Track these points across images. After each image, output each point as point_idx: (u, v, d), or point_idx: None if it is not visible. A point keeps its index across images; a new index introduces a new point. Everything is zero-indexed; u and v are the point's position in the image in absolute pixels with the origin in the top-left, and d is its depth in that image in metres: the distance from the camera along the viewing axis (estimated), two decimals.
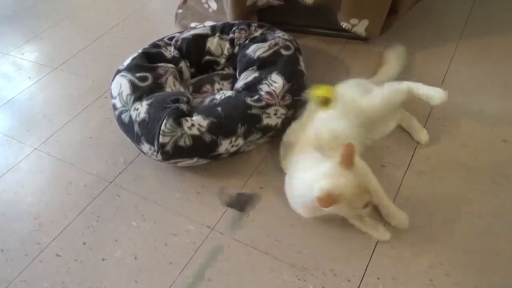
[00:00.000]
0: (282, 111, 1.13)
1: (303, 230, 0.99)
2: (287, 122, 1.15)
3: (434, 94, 1.07)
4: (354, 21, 1.34)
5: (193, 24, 1.77)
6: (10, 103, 1.55)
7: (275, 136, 1.16)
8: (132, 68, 1.24)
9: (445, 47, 1.42)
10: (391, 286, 0.87)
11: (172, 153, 1.07)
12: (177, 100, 1.12)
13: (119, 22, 1.92)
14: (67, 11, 2.07)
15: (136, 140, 1.12)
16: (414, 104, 1.14)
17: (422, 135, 1.13)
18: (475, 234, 0.93)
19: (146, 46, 1.37)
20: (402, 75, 1.26)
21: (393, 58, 1.30)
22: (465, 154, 1.10)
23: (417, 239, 0.94)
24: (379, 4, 1.32)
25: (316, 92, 1.00)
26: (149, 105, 1.11)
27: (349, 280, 0.89)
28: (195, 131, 1.06)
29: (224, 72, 1.37)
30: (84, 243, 1.04)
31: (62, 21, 2.01)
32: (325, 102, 0.99)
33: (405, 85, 1.11)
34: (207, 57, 1.39)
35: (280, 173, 1.07)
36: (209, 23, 1.75)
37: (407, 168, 1.08)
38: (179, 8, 1.91)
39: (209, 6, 1.81)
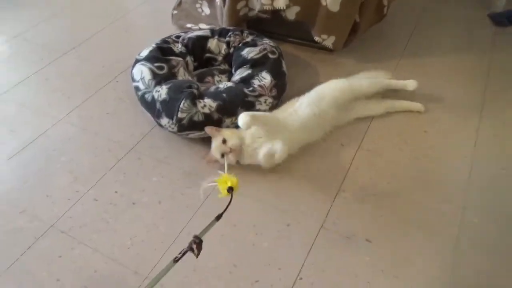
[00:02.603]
0: (270, 100, 1.50)
1: None
2: (272, 109, 1.52)
3: (408, 83, 1.57)
4: (324, 36, 1.74)
5: (188, 25, 2.09)
6: (28, 80, 1.78)
7: None
8: (150, 58, 1.55)
9: (390, 61, 1.86)
10: None
11: (187, 126, 1.40)
12: (190, 87, 1.45)
13: (118, 17, 2.18)
14: (65, 0, 2.29)
15: (157, 115, 1.44)
16: None
17: (419, 106, 1.57)
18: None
19: (158, 41, 1.67)
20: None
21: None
22: (400, 140, 1.52)
23: None
24: (343, 25, 1.73)
25: (221, 182, 1.00)
26: (169, 88, 1.44)
27: None
28: (206, 110, 1.39)
29: (222, 68, 1.72)
30: (116, 192, 1.34)
31: (63, 9, 2.24)
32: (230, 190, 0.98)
33: (384, 79, 1.61)
34: (208, 55, 1.72)
35: None
36: (203, 25, 2.08)
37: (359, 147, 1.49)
38: (174, 9, 2.21)
39: (202, 11, 2.14)
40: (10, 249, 1.19)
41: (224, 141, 1.32)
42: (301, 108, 1.43)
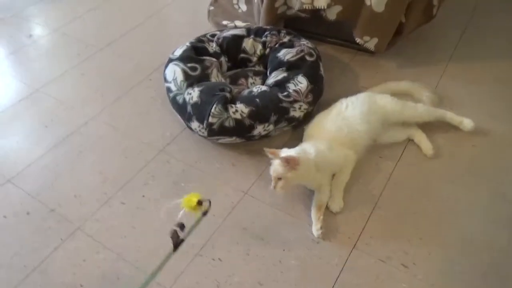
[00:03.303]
0: (305, 106, 1.42)
1: None
2: (307, 115, 1.45)
3: (465, 121, 1.41)
4: (366, 38, 1.64)
5: (224, 22, 2.03)
6: (64, 75, 1.79)
7: (297, 126, 1.46)
8: (184, 58, 1.51)
9: (436, 66, 1.73)
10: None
11: (217, 131, 1.36)
12: (223, 90, 1.40)
13: (154, 12, 2.16)
14: None
15: (188, 118, 1.40)
16: None
17: (428, 149, 1.39)
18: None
19: (193, 40, 1.63)
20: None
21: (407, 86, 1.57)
22: (445, 153, 1.41)
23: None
24: (388, 27, 1.61)
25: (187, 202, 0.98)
26: (201, 91, 1.39)
27: None
28: (238, 116, 1.34)
29: (256, 69, 1.65)
30: (143, 196, 1.32)
31: (101, 5, 2.24)
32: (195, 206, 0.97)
33: (440, 110, 1.45)
34: (242, 55, 1.66)
35: None
36: (238, 23, 2.02)
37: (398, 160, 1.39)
38: (210, 5, 2.17)
39: (239, 7, 2.08)
40: (38, 250, 1.19)
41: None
42: (355, 121, 1.34)
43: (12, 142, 1.51)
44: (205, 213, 0.95)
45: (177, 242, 0.91)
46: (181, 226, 0.91)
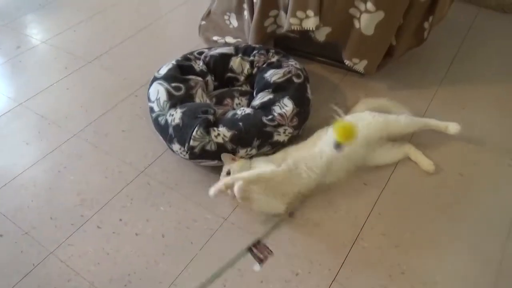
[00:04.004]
0: (289, 130, 1.39)
1: None
2: (292, 139, 1.42)
3: (450, 125, 1.39)
4: (355, 60, 1.61)
5: (215, 38, 2.01)
6: (49, 89, 1.77)
7: (281, 149, 1.42)
8: (168, 78, 1.48)
9: (427, 89, 1.70)
10: None
11: (198, 155, 1.32)
12: (206, 112, 1.37)
13: (146, 25, 2.14)
14: (98, 7, 2.27)
15: (169, 140, 1.37)
16: None
17: (429, 165, 1.37)
18: None
19: (179, 58, 1.60)
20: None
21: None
22: (432, 182, 1.38)
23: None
24: (378, 49, 1.59)
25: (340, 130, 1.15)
26: (183, 113, 1.36)
27: None
28: (220, 140, 1.31)
29: (243, 89, 1.63)
30: (120, 220, 1.29)
31: (94, 16, 2.22)
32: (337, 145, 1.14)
33: (424, 118, 1.44)
34: (229, 74, 1.64)
35: None
36: (229, 39, 2.00)
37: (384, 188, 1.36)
38: (202, 19, 2.15)
39: (230, 23, 2.05)
40: (7, 276, 1.15)
41: (228, 173, 1.24)
42: (327, 147, 1.29)
43: None
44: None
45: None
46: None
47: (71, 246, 1.22)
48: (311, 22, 1.55)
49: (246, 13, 1.83)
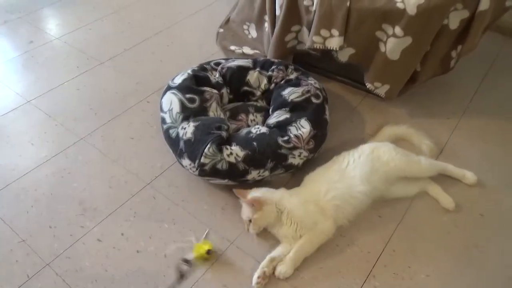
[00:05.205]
0: (305, 153, 1.33)
1: None
2: (307, 163, 1.35)
3: (467, 175, 1.37)
4: (377, 84, 1.55)
5: (232, 47, 1.96)
6: (59, 88, 1.72)
7: (295, 173, 1.36)
8: (183, 88, 1.43)
9: (449, 119, 1.63)
10: None
11: (208, 172, 1.27)
12: (219, 128, 1.31)
13: (163, 29, 2.09)
14: (114, 6, 2.23)
15: (179, 154, 1.31)
16: None
17: (449, 202, 1.31)
18: None
19: (195, 67, 1.55)
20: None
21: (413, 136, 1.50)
22: (449, 221, 1.31)
23: None
24: (401, 74, 1.52)
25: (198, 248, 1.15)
26: (196, 127, 1.30)
27: None
28: (232, 159, 1.25)
29: (258, 105, 1.57)
30: (122, 234, 1.23)
31: (110, 15, 2.18)
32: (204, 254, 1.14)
33: (443, 163, 1.39)
34: (245, 88, 1.58)
35: None
36: (247, 49, 1.95)
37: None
38: (220, 27, 2.10)
39: (249, 33, 2.00)
40: (0, 285, 1.10)
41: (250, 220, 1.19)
42: (354, 182, 1.24)
43: None
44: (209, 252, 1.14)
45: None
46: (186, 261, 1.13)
47: (69, 259, 1.17)
48: (335, 42, 1.49)
49: (267, 25, 1.78)
